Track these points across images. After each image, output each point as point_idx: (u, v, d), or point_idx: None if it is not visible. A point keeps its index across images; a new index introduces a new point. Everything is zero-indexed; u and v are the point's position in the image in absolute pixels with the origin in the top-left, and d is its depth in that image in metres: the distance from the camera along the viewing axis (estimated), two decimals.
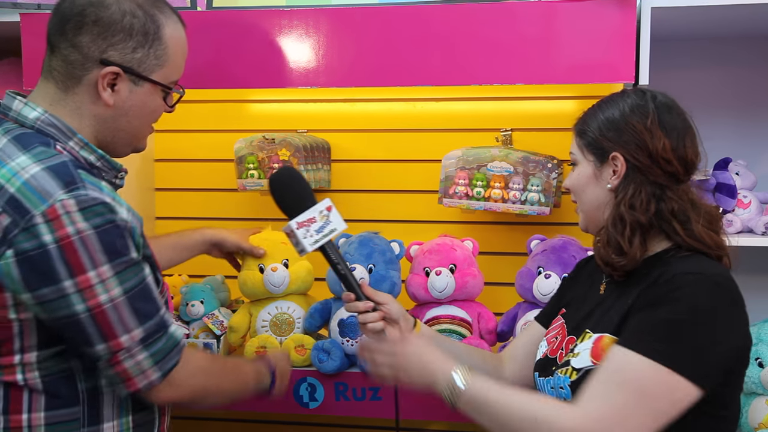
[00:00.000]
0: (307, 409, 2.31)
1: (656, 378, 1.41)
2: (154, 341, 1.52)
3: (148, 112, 1.67)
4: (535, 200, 2.41)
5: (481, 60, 2.17)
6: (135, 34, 1.58)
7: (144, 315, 1.51)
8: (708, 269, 1.49)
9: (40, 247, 1.41)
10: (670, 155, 1.55)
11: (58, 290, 1.43)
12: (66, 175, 1.45)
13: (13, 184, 1.44)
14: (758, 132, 2.54)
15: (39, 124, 1.56)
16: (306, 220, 1.68)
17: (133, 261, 1.50)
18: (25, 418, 1.51)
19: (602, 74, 2.12)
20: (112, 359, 1.49)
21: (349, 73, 2.25)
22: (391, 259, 2.32)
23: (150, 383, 1.53)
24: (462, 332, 2.31)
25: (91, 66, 1.57)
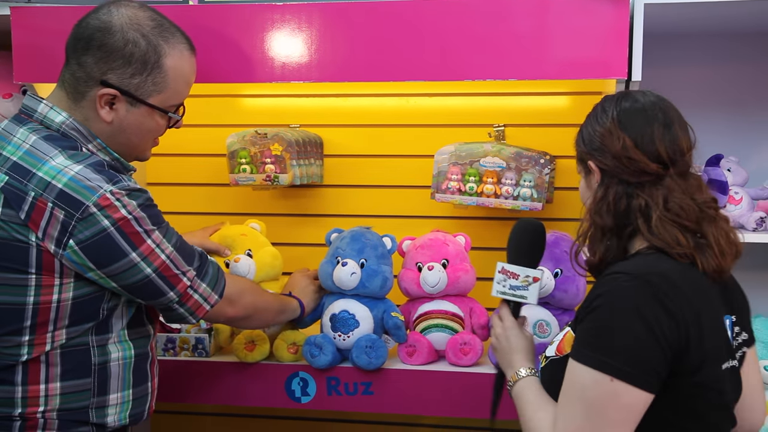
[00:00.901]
0: (299, 404, 2.31)
1: (600, 387, 1.42)
2: (205, 272, 1.83)
3: (146, 131, 1.83)
4: (527, 196, 2.41)
5: (474, 55, 2.17)
6: (134, 62, 1.74)
7: (190, 256, 1.80)
8: (638, 268, 1.49)
9: (102, 231, 1.63)
10: (632, 153, 1.56)
11: (128, 262, 1.67)
12: (105, 171, 1.67)
13: (59, 181, 1.62)
14: (750, 128, 2.54)
15: (64, 128, 1.73)
16: (511, 272, 1.81)
17: (168, 224, 1.78)
18: (43, 388, 1.68)
19: (595, 70, 2.13)
20: (183, 297, 1.79)
21: (342, 68, 2.25)
22: (383, 254, 2.32)
23: (213, 305, 1.85)
24: (454, 327, 2.31)
25: (93, 84, 1.74)
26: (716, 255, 1.54)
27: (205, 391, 2.35)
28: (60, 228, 1.61)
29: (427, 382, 2.26)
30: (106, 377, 1.74)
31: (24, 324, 1.65)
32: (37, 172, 1.63)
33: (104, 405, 1.75)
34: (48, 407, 1.68)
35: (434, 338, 2.31)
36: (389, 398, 2.27)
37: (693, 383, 1.47)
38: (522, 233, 1.85)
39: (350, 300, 2.29)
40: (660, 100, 1.63)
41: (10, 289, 1.64)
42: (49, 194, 1.61)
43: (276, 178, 2.50)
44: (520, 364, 1.72)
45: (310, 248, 2.61)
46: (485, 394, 2.20)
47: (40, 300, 1.64)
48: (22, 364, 1.66)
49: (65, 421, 1.70)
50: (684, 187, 1.57)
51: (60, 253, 1.62)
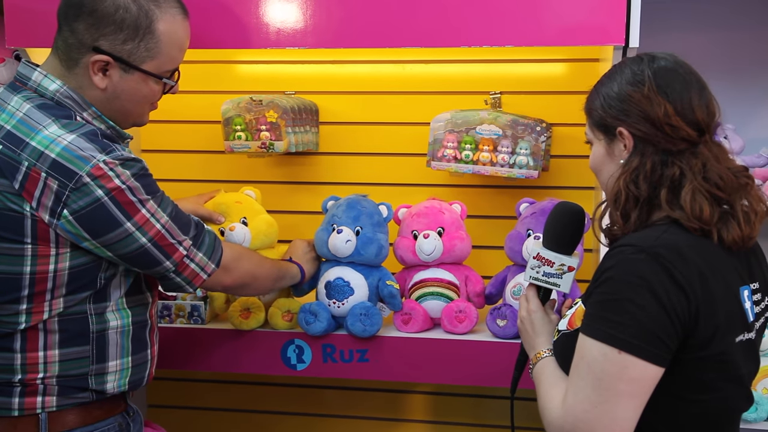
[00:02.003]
0: (294, 371, 2.32)
1: (609, 360, 1.40)
2: (201, 241, 1.83)
3: (140, 97, 1.81)
4: (523, 163, 2.40)
5: (471, 21, 2.16)
6: (125, 28, 1.72)
7: (185, 225, 1.79)
8: (646, 239, 1.45)
9: (95, 201, 1.62)
10: (675, 120, 1.50)
11: (122, 232, 1.67)
12: (98, 140, 1.65)
13: (52, 150, 1.61)
14: (747, 96, 2.53)
15: (58, 96, 1.72)
16: (546, 259, 1.76)
17: (163, 193, 1.76)
18: (41, 356, 1.70)
19: (592, 36, 2.11)
20: (179, 267, 1.78)
21: (338, 34, 2.23)
22: (379, 222, 2.32)
23: (210, 274, 1.85)
24: (449, 295, 2.31)
25: (85, 51, 1.73)
26: (741, 224, 1.50)
27: (201, 358, 2.36)
28: (54, 198, 1.60)
29: (422, 350, 2.27)
30: (104, 345, 1.75)
31: (21, 293, 1.66)
32: (30, 141, 1.62)
33: (103, 372, 1.76)
34: (47, 374, 1.70)
35: (429, 306, 2.32)
36: (385, 365, 2.28)
37: (703, 356, 1.45)
38: (565, 219, 1.77)
39: (345, 267, 2.29)
40: (684, 62, 1.58)
41: (6, 258, 1.64)
42: (43, 164, 1.60)
43: (271, 146, 2.49)
44: (542, 346, 1.69)
45: (305, 216, 2.60)
46: (480, 361, 2.22)
47: (36, 270, 1.65)
48: (20, 332, 1.68)
49: (65, 387, 1.72)
50: (717, 153, 1.53)
51: (54, 223, 1.62)
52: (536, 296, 1.79)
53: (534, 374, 1.66)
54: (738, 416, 1.62)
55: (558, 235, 1.77)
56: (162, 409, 2.90)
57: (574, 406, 1.44)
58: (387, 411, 2.84)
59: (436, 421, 2.82)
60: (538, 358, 1.67)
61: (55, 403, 1.71)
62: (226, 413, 2.92)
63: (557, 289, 1.78)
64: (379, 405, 2.83)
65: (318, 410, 2.88)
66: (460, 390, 2.74)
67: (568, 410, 1.45)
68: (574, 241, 1.78)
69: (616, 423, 1.41)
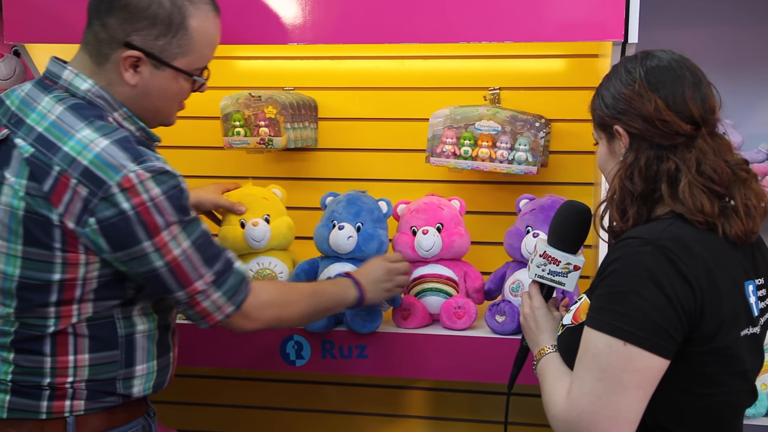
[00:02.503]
0: (293, 367, 2.32)
1: (614, 352, 1.40)
2: (224, 280, 1.71)
3: (171, 95, 1.77)
4: (522, 159, 2.40)
5: (470, 17, 2.15)
6: (158, 23, 1.67)
7: (211, 259, 1.69)
8: (652, 233, 1.46)
9: (120, 214, 1.57)
10: (666, 115, 1.51)
11: (139, 250, 1.60)
12: (132, 148, 1.60)
13: (85, 157, 1.57)
14: (746, 91, 2.53)
15: (89, 96, 1.68)
16: (553, 258, 1.74)
17: (193, 217, 1.68)
18: (72, 359, 1.67)
19: (591, 32, 2.11)
20: (191, 301, 1.69)
21: (337, 30, 2.23)
22: (379, 218, 2.32)
23: (226, 316, 1.74)
24: (449, 291, 2.31)
25: (116, 46, 1.68)
26: (742, 218, 1.50)
27: (200, 354, 2.36)
28: (81, 205, 1.56)
29: (421, 346, 2.27)
30: (132, 349, 1.73)
31: (50, 299, 1.63)
32: (62, 146, 1.58)
33: (131, 376, 1.74)
34: (77, 378, 1.67)
35: (429, 302, 2.32)
36: (384, 361, 2.28)
37: (708, 350, 1.45)
38: (572, 219, 1.76)
39: (346, 263, 2.29)
40: (683, 58, 1.58)
41: (36, 264, 1.61)
42: (74, 170, 1.56)
43: (270, 142, 2.49)
44: (546, 342, 1.69)
45: (304, 212, 2.60)
46: (479, 357, 2.22)
47: (66, 277, 1.62)
48: (50, 336, 1.65)
49: (93, 391, 1.70)
50: (715, 147, 1.53)
51: (79, 231, 1.58)
52: (539, 293, 1.78)
53: (538, 370, 1.66)
54: (742, 411, 1.62)
55: (565, 234, 1.76)
56: (160, 404, 2.90)
57: (578, 399, 1.44)
58: (386, 407, 2.84)
59: (435, 417, 2.82)
60: (542, 354, 1.66)
61: (83, 407, 1.69)
62: (225, 409, 2.92)
63: (562, 288, 1.77)
64: (379, 401, 2.83)
65: (317, 406, 2.88)
66: (459, 386, 2.74)
67: (573, 402, 1.44)
68: (581, 240, 1.77)
69: (621, 415, 1.40)
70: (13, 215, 1.61)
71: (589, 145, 2.46)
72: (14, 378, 1.67)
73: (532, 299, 1.78)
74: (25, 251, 1.61)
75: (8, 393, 1.67)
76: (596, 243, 2.27)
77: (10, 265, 1.63)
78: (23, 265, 1.62)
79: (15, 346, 1.66)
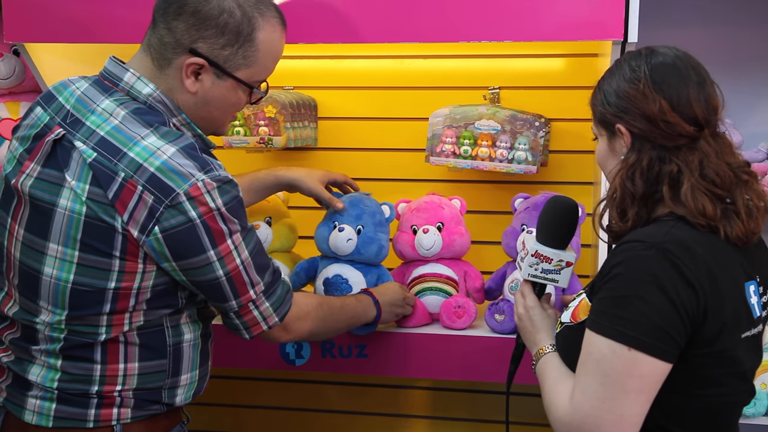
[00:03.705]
0: (293, 366, 2.32)
1: (618, 357, 1.39)
2: (273, 290, 1.72)
3: (229, 105, 1.74)
4: (522, 159, 2.40)
5: (470, 16, 2.15)
6: (227, 32, 1.64)
7: (263, 269, 1.70)
8: (655, 236, 1.44)
9: (187, 222, 1.55)
10: (670, 116, 1.49)
11: (204, 259, 1.59)
12: (198, 156, 1.58)
13: (151, 164, 1.54)
14: (746, 90, 2.53)
15: (151, 101, 1.65)
16: (545, 256, 1.73)
17: (250, 226, 1.68)
18: (122, 368, 1.65)
19: (591, 31, 2.10)
20: (242, 310, 1.69)
21: (336, 29, 2.22)
22: (381, 222, 2.31)
23: (270, 327, 1.74)
24: (449, 290, 2.31)
25: (181, 52, 1.65)
26: (743, 220, 1.49)
27: None
28: (147, 213, 1.53)
29: (421, 345, 2.27)
30: (179, 358, 1.71)
31: (103, 308, 1.60)
32: (128, 152, 1.55)
33: (176, 386, 1.72)
34: (125, 386, 1.65)
35: (428, 301, 2.32)
36: (383, 361, 2.28)
37: (709, 353, 1.45)
38: (560, 215, 1.75)
39: (344, 265, 2.29)
40: (687, 55, 1.56)
41: (92, 271, 1.58)
42: (140, 177, 1.53)
43: (270, 141, 2.49)
44: (544, 342, 1.68)
45: (304, 211, 2.59)
46: (478, 357, 2.22)
47: (121, 286, 1.59)
48: (101, 344, 1.62)
49: (140, 400, 1.67)
50: (717, 149, 1.52)
51: (143, 240, 1.55)
52: (532, 292, 1.77)
53: (537, 370, 1.65)
54: (740, 410, 1.62)
55: (554, 231, 1.75)
56: None
57: (582, 403, 1.43)
58: (386, 406, 2.84)
59: (435, 416, 2.83)
60: (541, 353, 1.66)
61: (130, 415, 1.66)
62: (225, 408, 2.92)
63: (556, 285, 1.77)
64: (378, 400, 2.83)
65: (316, 406, 2.88)
66: (459, 385, 2.74)
67: (576, 407, 1.44)
68: (569, 236, 1.76)
69: (624, 419, 1.40)
70: (72, 219, 1.56)
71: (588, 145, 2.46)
72: (60, 385, 1.63)
73: (525, 298, 1.77)
74: (81, 257, 1.57)
75: (54, 401, 1.64)
76: (596, 243, 2.27)
77: (64, 271, 1.58)
78: (78, 271, 1.58)
79: (63, 353, 1.63)
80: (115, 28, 2.25)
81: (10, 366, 1.69)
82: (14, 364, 1.68)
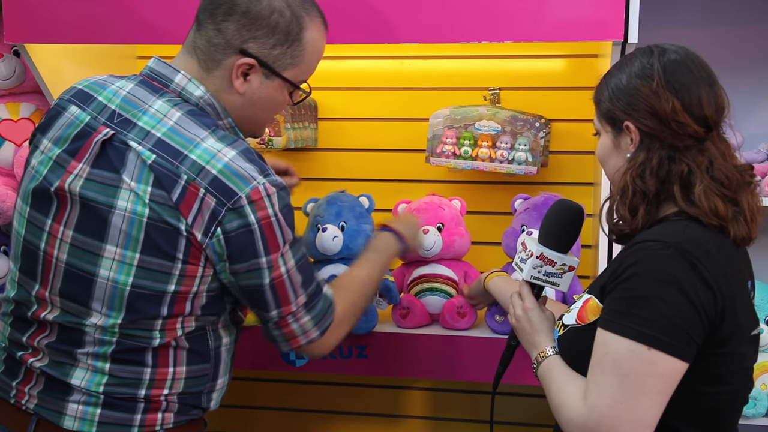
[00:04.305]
0: (293, 367, 2.32)
1: (637, 357, 1.38)
2: (314, 304, 1.68)
3: (274, 105, 1.75)
4: (522, 159, 2.40)
5: (470, 17, 2.15)
6: (278, 32, 1.64)
7: (307, 281, 1.66)
8: (671, 236, 1.43)
9: (246, 226, 1.54)
10: (682, 116, 1.48)
11: (255, 264, 1.57)
12: (257, 160, 1.58)
13: (214, 166, 1.53)
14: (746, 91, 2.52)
15: (201, 103, 1.64)
16: (549, 259, 1.73)
17: (299, 237, 1.66)
18: (171, 371, 1.63)
19: (591, 32, 2.10)
20: (281, 321, 1.66)
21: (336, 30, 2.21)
22: (362, 214, 2.31)
23: (310, 341, 1.71)
24: (449, 291, 2.31)
25: (231, 52, 1.64)
26: (747, 223, 1.50)
27: None
28: (210, 215, 1.52)
29: (421, 346, 2.27)
30: (218, 361, 1.70)
31: (160, 312, 1.58)
32: (189, 154, 1.54)
33: (213, 390, 1.71)
34: (172, 390, 1.63)
35: (429, 302, 2.32)
36: (384, 361, 2.28)
37: (724, 352, 1.45)
38: (567, 219, 1.74)
39: (338, 265, 2.28)
40: (695, 55, 1.56)
41: (153, 274, 1.56)
42: (203, 179, 1.52)
43: (270, 142, 2.49)
44: (545, 344, 1.66)
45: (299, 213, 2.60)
46: (478, 357, 2.22)
47: (180, 289, 1.57)
48: (152, 348, 1.60)
49: (183, 404, 1.66)
50: (723, 150, 1.52)
51: (206, 242, 1.54)
52: (531, 293, 1.76)
53: (540, 373, 1.63)
54: (742, 407, 1.61)
55: (560, 234, 1.74)
56: None
57: (598, 404, 1.41)
58: (386, 407, 2.84)
59: (434, 417, 2.83)
60: (543, 356, 1.64)
61: (173, 420, 1.65)
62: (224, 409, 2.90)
63: (556, 288, 1.77)
64: (378, 401, 2.83)
65: (317, 406, 2.88)
66: (458, 386, 2.74)
67: (593, 408, 1.42)
68: (574, 240, 1.76)
69: (643, 419, 1.39)
70: (134, 222, 1.54)
71: (589, 146, 2.48)
72: (107, 390, 1.60)
73: (524, 300, 1.75)
74: (142, 260, 1.55)
75: (99, 406, 1.60)
76: (596, 243, 2.27)
77: (122, 273, 1.56)
78: (137, 273, 1.56)
79: (113, 356, 1.60)
80: (116, 29, 2.25)
81: (44, 370, 1.63)
82: (50, 368, 1.63)
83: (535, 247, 1.74)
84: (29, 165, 1.66)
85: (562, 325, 1.62)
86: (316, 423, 2.88)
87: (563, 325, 1.62)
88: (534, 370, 1.66)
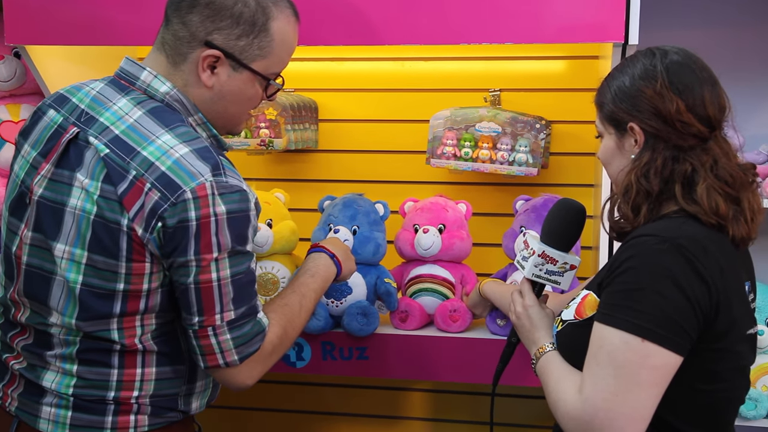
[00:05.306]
0: (294, 369, 2.32)
1: (631, 349, 1.39)
2: (240, 326, 1.59)
3: (245, 99, 1.71)
4: (522, 161, 2.40)
5: (470, 18, 2.15)
6: (242, 23, 1.62)
7: (240, 300, 1.58)
8: (668, 231, 1.45)
9: (184, 222, 1.50)
10: (686, 116, 1.50)
11: (185, 261, 1.52)
12: (212, 159, 1.54)
13: (163, 163, 1.51)
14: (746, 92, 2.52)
15: (168, 99, 1.62)
16: (551, 257, 1.74)
17: (246, 251, 1.58)
18: (139, 373, 1.61)
19: (592, 33, 2.10)
20: (201, 331, 1.57)
21: (337, 31, 2.23)
22: (376, 221, 2.32)
23: (227, 363, 1.59)
24: (445, 293, 2.31)
25: (196, 45, 1.62)
26: (747, 222, 1.51)
27: None
28: (150, 210, 1.50)
29: (422, 347, 2.27)
30: (195, 365, 1.65)
31: (113, 310, 1.56)
32: (141, 151, 1.52)
33: (191, 393, 1.69)
34: (142, 392, 1.61)
35: (424, 302, 2.32)
36: (384, 363, 2.28)
37: (718, 348, 1.46)
38: (570, 218, 1.75)
39: None
40: (696, 56, 1.57)
41: (101, 273, 1.55)
42: (151, 175, 1.50)
43: (270, 143, 2.49)
44: (544, 340, 1.67)
45: (304, 213, 2.60)
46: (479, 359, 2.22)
47: (130, 288, 1.55)
48: (116, 348, 1.59)
49: (157, 407, 1.64)
50: (726, 150, 1.53)
51: (147, 237, 1.51)
52: (531, 291, 1.77)
53: (538, 368, 1.64)
54: (738, 407, 1.62)
55: (563, 233, 1.75)
56: None
57: (593, 396, 1.42)
58: (386, 408, 2.84)
59: (435, 418, 2.83)
60: (542, 352, 1.65)
61: (147, 423, 1.63)
62: (224, 411, 2.92)
63: (557, 287, 1.77)
64: (379, 402, 2.83)
65: (317, 408, 2.88)
66: (459, 387, 2.74)
67: (587, 400, 1.43)
68: (575, 239, 1.77)
69: (637, 411, 1.40)
70: (83, 219, 1.55)
71: (589, 147, 2.48)
72: (76, 392, 1.59)
73: (524, 297, 1.77)
74: (90, 258, 1.55)
75: (69, 408, 1.60)
76: (596, 244, 2.27)
77: (72, 272, 1.56)
78: (86, 272, 1.55)
79: (79, 357, 1.59)
80: (116, 31, 2.25)
81: (22, 373, 1.65)
82: (27, 370, 1.64)
83: (537, 245, 1.75)
84: (12, 171, 1.69)
85: (560, 321, 1.63)
86: (316, 424, 2.88)
87: (562, 320, 1.63)
88: (533, 366, 1.67)
